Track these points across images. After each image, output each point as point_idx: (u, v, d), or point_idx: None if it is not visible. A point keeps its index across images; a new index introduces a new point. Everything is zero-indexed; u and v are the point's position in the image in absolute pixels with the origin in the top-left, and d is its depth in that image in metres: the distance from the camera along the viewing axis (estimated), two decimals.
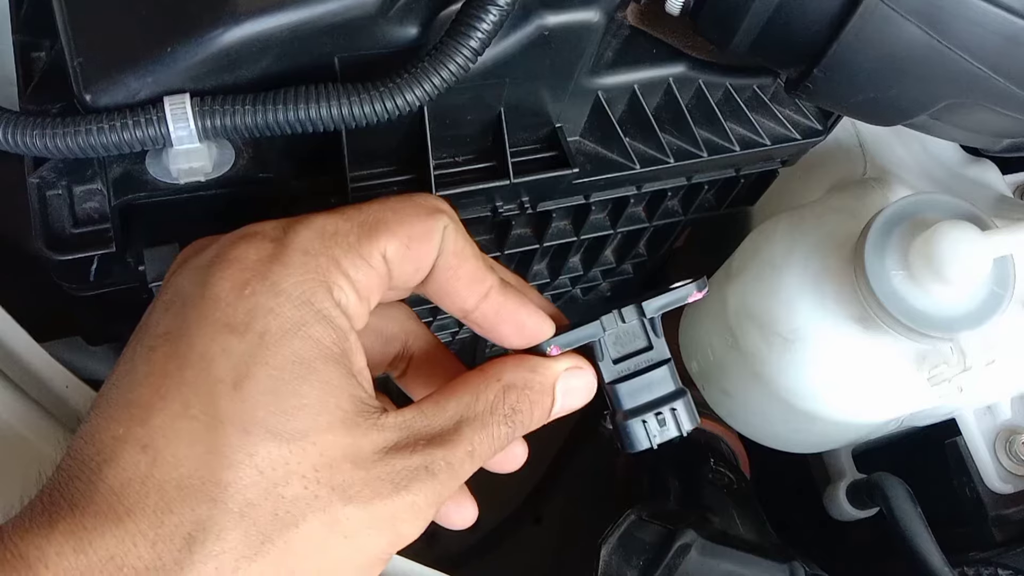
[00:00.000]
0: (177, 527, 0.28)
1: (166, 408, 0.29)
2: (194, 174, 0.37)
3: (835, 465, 0.63)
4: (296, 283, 0.31)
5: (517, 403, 0.35)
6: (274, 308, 0.30)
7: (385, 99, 0.35)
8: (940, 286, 0.44)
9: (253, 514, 0.28)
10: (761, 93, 0.50)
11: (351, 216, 0.34)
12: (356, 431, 0.31)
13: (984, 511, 0.55)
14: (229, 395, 0.29)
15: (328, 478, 0.30)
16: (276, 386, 0.30)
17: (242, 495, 0.28)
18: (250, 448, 0.29)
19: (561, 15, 0.39)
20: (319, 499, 0.29)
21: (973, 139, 0.45)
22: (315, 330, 0.31)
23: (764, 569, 0.51)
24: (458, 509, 0.38)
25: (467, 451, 0.33)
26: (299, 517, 0.29)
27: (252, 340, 0.30)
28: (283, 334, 0.30)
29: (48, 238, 0.39)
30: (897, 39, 0.36)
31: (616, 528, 0.53)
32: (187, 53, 0.35)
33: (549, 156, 0.46)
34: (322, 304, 0.31)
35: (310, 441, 0.30)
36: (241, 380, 0.29)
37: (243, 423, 0.29)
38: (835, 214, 0.52)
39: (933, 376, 0.49)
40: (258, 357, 0.30)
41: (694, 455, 0.65)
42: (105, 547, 0.27)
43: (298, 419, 0.30)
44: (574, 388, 0.37)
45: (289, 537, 0.29)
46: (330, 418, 0.30)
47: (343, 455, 0.30)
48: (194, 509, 0.28)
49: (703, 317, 0.58)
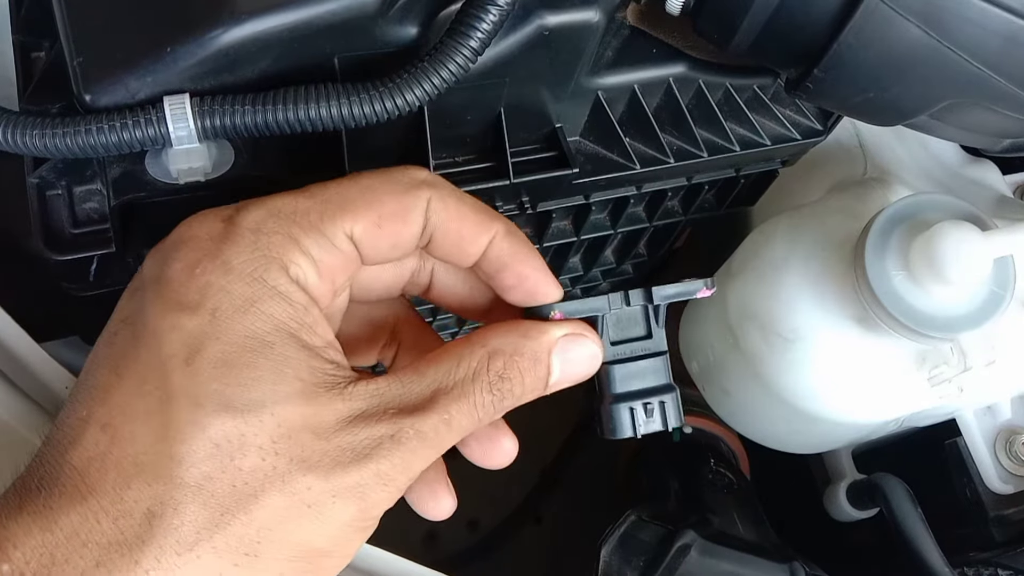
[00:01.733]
0: (137, 502, 0.28)
1: (122, 387, 0.30)
2: (194, 174, 0.37)
3: (835, 465, 0.63)
4: (246, 260, 0.31)
5: (505, 370, 0.33)
6: (225, 286, 0.30)
7: (385, 99, 0.35)
8: (940, 286, 0.44)
9: (211, 487, 0.28)
10: (761, 93, 0.50)
11: (314, 194, 0.33)
12: (316, 401, 0.30)
13: (984, 511, 0.55)
14: (180, 369, 0.29)
15: (286, 449, 0.29)
16: (229, 359, 0.29)
17: (198, 468, 0.28)
18: (203, 421, 0.29)
19: (561, 15, 0.39)
20: (277, 470, 0.29)
21: (973, 139, 0.45)
22: (268, 305, 0.30)
23: (764, 569, 0.51)
24: (433, 496, 0.37)
25: (442, 419, 0.32)
26: (258, 488, 0.29)
27: (204, 317, 0.30)
28: (235, 311, 0.30)
29: (48, 238, 0.39)
30: (897, 39, 0.36)
31: (616, 528, 0.53)
32: (187, 53, 0.35)
33: (549, 156, 0.46)
34: (275, 280, 0.31)
35: (267, 412, 0.29)
36: (192, 355, 0.29)
37: (195, 396, 0.29)
38: (835, 214, 0.52)
39: (933, 376, 0.49)
40: (210, 333, 0.30)
41: (694, 455, 0.65)
42: (70, 524, 0.28)
43: (253, 391, 0.29)
44: (574, 358, 0.35)
45: (249, 508, 0.29)
46: (288, 389, 0.30)
47: (302, 425, 0.30)
48: (150, 484, 0.28)
49: (703, 317, 0.58)
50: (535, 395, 0.34)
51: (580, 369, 0.35)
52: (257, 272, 0.31)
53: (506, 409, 0.34)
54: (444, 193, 0.35)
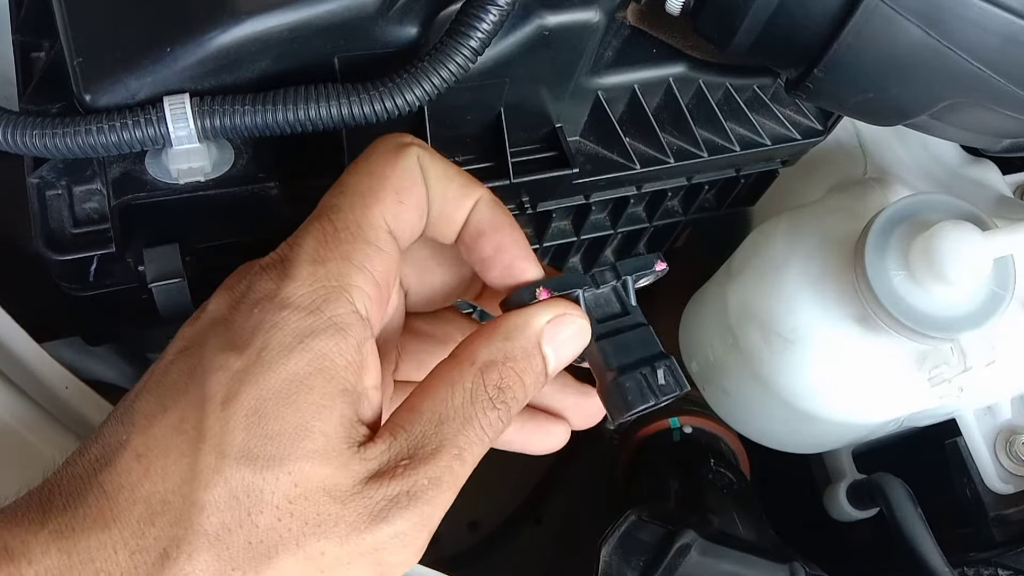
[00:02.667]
0: (156, 540, 0.28)
1: (164, 420, 0.29)
2: (194, 174, 0.37)
3: (835, 465, 0.63)
4: (306, 293, 0.30)
5: (502, 380, 0.32)
6: (278, 323, 0.30)
7: (385, 99, 0.35)
8: (940, 286, 0.44)
9: (228, 539, 0.28)
10: (761, 93, 0.50)
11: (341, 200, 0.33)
12: (336, 461, 0.29)
13: (984, 511, 0.55)
14: (216, 413, 0.29)
15: (302, 511, 0.28)
16: (261, 407, 0.29)
17: (218, 518, 0.28)
18: (226, 472, 0.28)
19: (561, 15, 0.39)
20: (292, 532, 0.28)
21: (973, 139, 0.45)
22: (321, 342, 0.30)
23: (764, 569, 0.51)
24: (544, 432, 0.37)
25: (453, 456, 0.30)
26: (272, 549, 0.28)
27: (250, 357, 0.29)
28: (283, 349, 0.29)
29: (48, 238, 0.39)
30: (897, 39, 0.36)
31: (616, 528, 0.52)
32: (187, 53, 0.35)
33: (549, 156, 0.46)
34: (335, 311, 0.30)
35: (285, 471, 0.28)
36: (230, 399, 0.29)
37: (221, 444, 0.29)
38: (835, 214, 0.52)
39: (933, 376, 0.49)
40: (250, 375, 0.29)
41: (694, 455, 0.65)
42: (88, 550, 0.28)
43: (275, 445, 0.29)
44: (564, 339, 0.33)
45: (260, 570, 0.28)
46: (311, 446, 0.29)
47: (319, 487, 0.29)
48: (172, 525, 0.28)
49: (703, 317, 0.58)
50: (539, 389, 0.33)
51: (573, 346, 0.34)
52: (316, 303, 0.30)
53: (514, 416, 0.32)
54: (429, 152, 0.34)
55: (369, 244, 0.32)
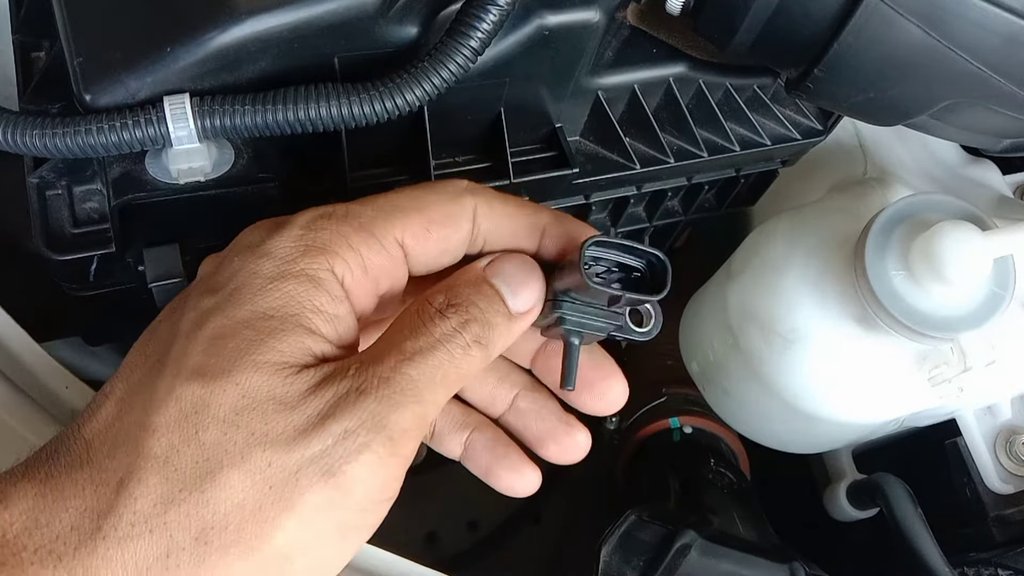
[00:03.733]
0: (115, 472, 0.28)
1: (144, 365, 0.31)
2: (194, 174, 0.37)
3: (835, 465, 0.63)
4: (287, 248, 0.31)
5: (449, 300, 0.32)
6: (255, 269, 0.31)
7: (385, 99, 0.35)
8: (940, 286, 0.44)
9: (176, 460, 0.28)
10: (761, 93, 0.50)
11: (365, 202, 0.34)
12: (285, 372, 0.29)
13: (984, 511, 0.55)
14: (180, 342, 0.30)
15: (247, 422, 0.28)
16: (223, 332, 0.30)
17: (167, 439, 0.28)
18: (177, 390, 0.29)
19: (561, 15, 0.39)
20: (237, 445, 0.28)
21: (973, 139, 0.45)
22: (291, 284, 0.30)
23: (764, 569, 0.51)
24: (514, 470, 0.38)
25: (401, 359, 0.30)
26: (216, 467, 0.28)
27: (222, 297, 0.31)
28: (255, 290, 0.30)
29: (48, 238, 0.39)
30: (897, 39, 0.36)
31: (616, 528, 0.52)
32: (186, 53, 0.35)
33: (549, 156, 0.46)
34: (309, 264, 0.31)
35: (232, 381, 0.29)
36: (195, 329, 0.30)
37: (177, 366, 0.29)
38: (835, 214, 0.52)
39: (933, 376, 0.49)
40: (219, 309, 0.30)
41: (694, 455, 0.65)
42: (61, 491, 0.28)
43: (227, 360, 0.29)
44: (510, 271, 0.34)
45: (205, 488, 0.28)
46: (262, 358, 0.29)
47: (267, 395, 0.29)
48: (128, 454, 0.28)
49: (703, 317, 0.58)
50: (504, 322, 0.33)
51: (521, 276, 0.34)
52: (293, 256, 0.31)
53: (476, 341, 0.32)
54: (488, 197, 0.35)
55: (372, 237, 0.32)
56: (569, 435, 0.38)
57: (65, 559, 0.27)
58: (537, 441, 0.39)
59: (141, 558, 0.27)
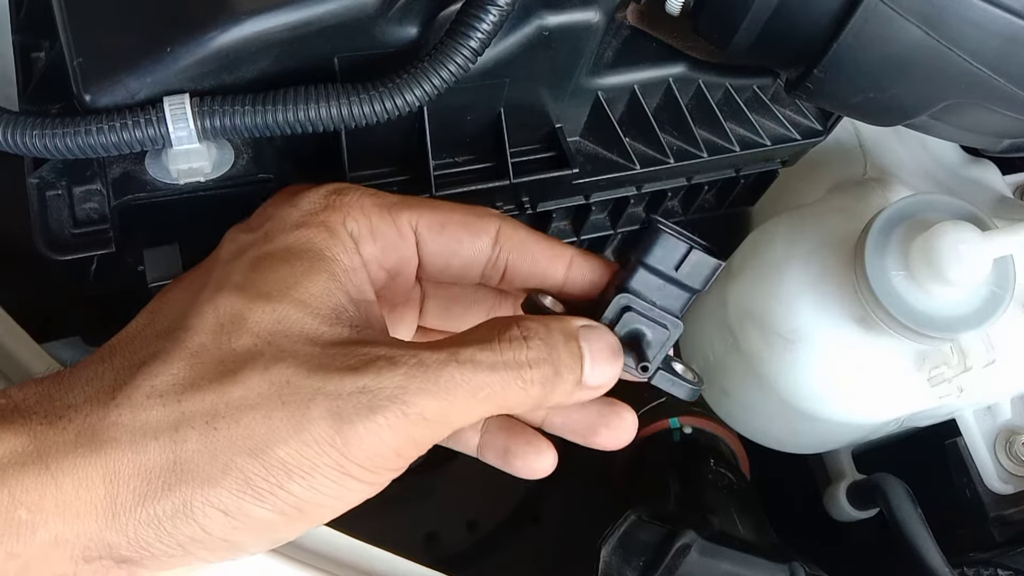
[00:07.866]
0: (137, 355, 0.31)
1: (180, 284, 0.34)
2: (194, 174, 0.37)
3: (835, 465, 0.63)
4: (312, 202, 0.34)
5: (540, 335, 0.32)
6: (284, 216, 0.34)
7: (385, 99, 0.35)
8: (940, 286, 0.44)
9: (203, 356, 0.30)
10: (761, 93, 0.50)
11: (396, 194, 0.36)
12: (322, 317, 0.31)
13: (984, 511, 0.55)
14: (220, 267, 0.33)
15: (278, 343, 0.30)
16: (262, 261, 0.32)
17: (199, 337, 0.30)
18: (216, 300, 0.31)
19: (561, 15, 0.39)
20: (264, 356, 0.30)
21: (973, 139, 0.45)
22: (312, 231, 0.33)
23: (764, 569, 0.51)
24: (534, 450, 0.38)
25: (453, 359, 0.30)
26: (239, 367, 0.29)
27: (258, 235, 0.34)
28: (283, 230, 0.33)
29: (48, 238, 0.39)
30: (897, 39, 0.36)
31: (616, 528, 0.52)
32: (186, 53, 0.35)
33: (549, 156, 0.46)
34: (329, 218, 0.34)
35: (271, 307, 0.31)
36: (234, 257, 0.33)
37: (219, 283, 0.32)
38: (835, 214, 0.52)
39: (933, 376, 0.49)
40: (256, 244, 0.33)
41: (694, 455, 0.65)
42: (82, 375, 0.30)
43: (268, 286, 0.31)
44: (599, 346, 0.34)
45: (225, 385, 0.29)
46: (298, 295, 0.31)
47: (300, 330, 0.30)
48: (155, 343, 0.31)
49: (703, 318, 0.58)
50: (571, 385, 0.33)
51: (608, 355, 0.34)
52: (316, 210, 0.34)
53: (542, 391, 0.32)
54: (514, 223, 0.36)
55: (387, 212, 0.35)
56: (619, 415, 0.38)
57: (75, 422, 0.29)
58: (588, 430, 0.38)
59: (151, 427, 0.29)
